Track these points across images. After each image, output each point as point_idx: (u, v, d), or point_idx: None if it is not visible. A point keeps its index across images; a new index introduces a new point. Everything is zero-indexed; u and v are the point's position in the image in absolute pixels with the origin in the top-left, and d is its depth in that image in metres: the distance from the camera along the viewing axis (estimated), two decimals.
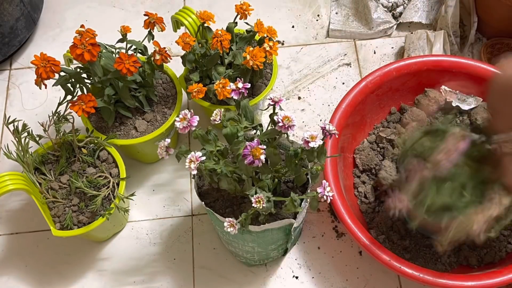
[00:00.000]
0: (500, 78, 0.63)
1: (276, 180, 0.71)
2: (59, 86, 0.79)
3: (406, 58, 0.91)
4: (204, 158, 0.65)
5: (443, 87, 0.91)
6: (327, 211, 0.91)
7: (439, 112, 0.92)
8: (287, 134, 0.68)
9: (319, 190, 0.65)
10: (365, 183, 0.89)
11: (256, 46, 0.87)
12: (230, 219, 0.66)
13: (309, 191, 0.73)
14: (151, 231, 0.90)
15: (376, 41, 1.09)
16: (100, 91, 0.83)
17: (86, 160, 0.82)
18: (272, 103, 0.67)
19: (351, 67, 1.06)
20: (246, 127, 0.71)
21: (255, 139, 0.63)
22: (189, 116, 0.67)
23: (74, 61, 0.81)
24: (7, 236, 0.90)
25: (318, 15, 1.13)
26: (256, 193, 0.65)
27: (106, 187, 0.80)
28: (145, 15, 0.81)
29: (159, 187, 0.94)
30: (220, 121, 0.69)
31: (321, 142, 0.63)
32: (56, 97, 1.00)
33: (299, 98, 1.03)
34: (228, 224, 0.66)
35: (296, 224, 0.72)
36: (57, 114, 0.81)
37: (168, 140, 0.68)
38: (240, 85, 0.69)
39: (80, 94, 0.79)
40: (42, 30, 1.12)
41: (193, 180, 0.75)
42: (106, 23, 1.12)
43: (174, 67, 0.92)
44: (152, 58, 0.82)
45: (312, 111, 1.01)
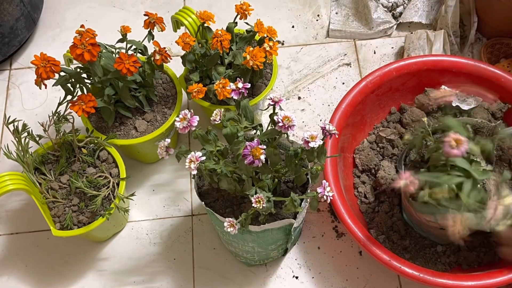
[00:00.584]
0: None
1: (276, 180, 0.71)
2: (59, 86, 0.79)
3: (406, 58, 0.91)
4: (204, 158, 0.65)
5: (443, 87, 0.91)
6: (327, 211, 0.91)
7: (439, 112, 0.92)
8: (287, 134, 0.68)
9: (319, 190, 0.65)
10: (365, 183, 0.89)
11: (256, 46, 0.87)
12: (230, 219, 0.66)
13: (309, 191, 0.73)
14: (151, 231, 0.90)
15: (376, 41, 1.09)
16: (100, 91, 0.83)
17: (86, 160, 0.82)
18: (272, 103, 0.67)
19: (351, 67, 1.06)
20: (246, 127, 0.71)
21: (255, 139, 0.63)
22: (189, 116, 0.67)
23: (74, 61, 0.81)
24: (7, 236, 0.90)
25: (318, 15, 1.13)
26: (256, 193, 0.65)
27: (106, 187, 0.80)
28: (145, 15, 0.81)
29: (159, 187, 0.94)
30: (220, 121, 0.69)
31: (321, 142, 0.63)
32: (56, 97, 1.00)
33: (299, 98, 1.03)
34: (228, 224, 0.66)
35: (296, 224, 0.72)
36: (57, 114, 0.81)
37: (168, 140, 0.68)
38: (240, 85, 0.69)
39: (80, 94, 0.79)
40: (42, 30, 1.12)
41: (193, 180, 0.74)
42: (106, 23, 1.12)
43: (174, 67, 0.92)
44: (152, 58, 0.82)
45: (312, 111, 1.01)
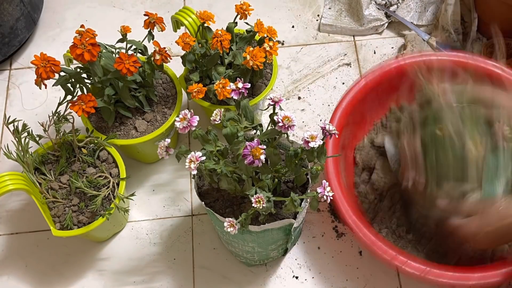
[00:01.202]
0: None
1: (276, 180, 0.71)
2: (59, 86, 0.79)
3: (406, 57, 0.91)
4: (204, 158, 0.65)
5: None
6: (327, 211, 0.91)
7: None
8: (287, 134, 0.68)
9: (319, 190, 0.65)
10: (365, 181, 0.89)
11: (256, 46, 0.87)
12: (230, 219, 0.66)
13: (309, 191, 0.73)
14: (151, 231, 0.90)
15: (376, 41, 1.09)
16: (100, 91, 0.83)
17: (86, 160, 0.82)
18: (272, 103, 0.67)
19: (351, 67, 1.06)
20: (246, 127, 0.71)
21: (255, 139, 0.63)
22: (189, 116, 0.66)
23: (74, 61, 0.81)
24: (7, 236, 0.90)
25: (318, 15, 1.13)
26: (256, 193, 0.65)
27: (106, 187, 0.80)
28: (145, 15, 0.81)
29: (159, 187, 0.94)
30: (220, 121, 0.69)
31: (321, 142, 0.63)
32: (56, 97, 1.00)
33: (299, 98, 1.03)
34: (228, 224, 0.66)
35: (296, 224, 0.72)
36: (57, 114, 0.81)
37: (168, 140, 0.68)
38: (240, 85, 0.69)
39: (80, 94, 0.79)
40: (42, 30, 1.12)
41: (193, 180, 0.74)
42: (106, 23, 1.12)
43: (174, 67, 0.92)
44: (152, 58, 0.82)
45: (312, 111, 1.01)
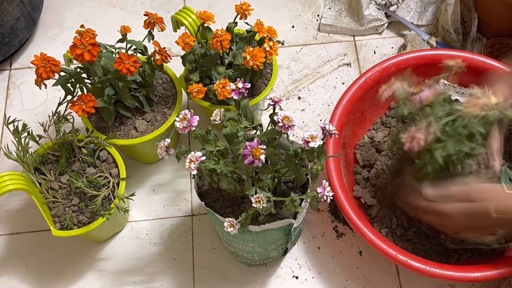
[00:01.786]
0: None
1: (276, 180, 0.71)
2: (59, 86, 0.79)
3: (404, 53, 0.91)
4: (204, 158, 0.65)
5: (441, 80, 0.91)
6: (327, 211, 0.91)
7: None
8: (287, 134, 0.68)
9: (319, 190, 0.65)
10: (366, 178, 0.89)
11: (256, 46, 0.87)
12: (230, 219, 0.66)
13: (309, 191, 0.73)
14: (151, 231, 0.90)
15: (376, 41, 1.09)
16: (100, 91, 0.83)
17: (86, 160, 0.82)
18: (272, 103, 0.67)
19: (351, 67, 1.06)
20: (246, 127, 0.71)
21: (255, 139, 0.63)
22: (189, 116, 0.67)
23: (74, 61, 0.81)
24: (7, 236, 0.90)
25: (318, 15, 1.13)
26: (256, 193, 0.65)
27: (106, 187, 0.80)
28: (145, 15, 0.81)
29: (159, 187, 0.94)
30: (220, 121, 0.69)
31: (321, 142, 0.63)
32: (56, 97, 1.00)
33: (299, 98, 1.03)
34: (228, 224, 0.66)
35: (296, 224, 0.72)
36: (57, 114, 0.81)
37: (168, 140, 0.68)
38: (240, 85, 0.69)
39: (80, 94, 0.79)
40: (42, 30, 1.12)
41: (193, 180, 0.74)
42: (106, 23, 1.12)
43: (174, 67, 0.92)
44: (152, 58, 0.82)
45: (312, 111, 1.01)
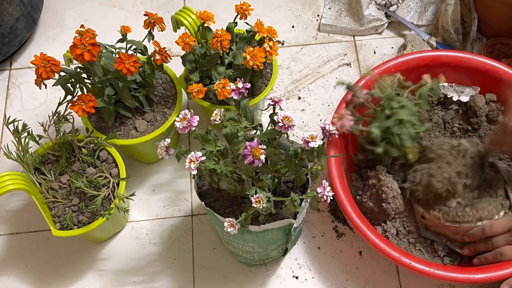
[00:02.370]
0: None
1: (276, 180, 0.71)
2: (59, 86, 0.79)
3: (404, 55, 0.91)
4: (204, 158, 0.65)
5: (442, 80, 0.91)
6: (327, 211, 0.91)
7: (439, 106, 0.92)
8: (287, 134, 0.68)
9: (319, 190, 0.65)
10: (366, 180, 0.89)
11: (256, 46, 0.87)
12: (230, 219, 0.66)
13: (309, 191, 0.73)
14: (151, 231, 0.90)
15: (376, 41, 1.09)
16: (100, 91, 0.83)
17: (86, 160, 0.82)
18: (272, 103, 0.67)
19: (351, 67, 1.06)
20: (246, 127, 0.71)
21: (255, 139, 0.63)
22: (189, 116, 0.67)
23: (74, 61, 0.81)
24: (7, 236, 0.90)
25: (318, 15, 1.13)
26: (256, 193, 0.65)
27: (106, 187, 0.80)
28: (145, 15, 0.81)
29: (159, 187, 0.94)
30: (220, 121, 0.69)
31: (321, 142, 0.63)
32: (56, 97, 1.00)
33: (299, 98, 1.03)
34: (228, 224, 0.66)
35: (296, 224, 0.72)
36: (57, 114, 0.81)
37: (168, 140, 0.68)
38: (240, 85, 0.69)
39: (80, 94, 0.79)
40: (42, 30, 1.12)
41: (193, 180, 0.74)
42: (106, 23, 1.12)
43: (174, 67, 0.92)
44: (152, 58, 0.82)
45: (312, 111, 1.01)
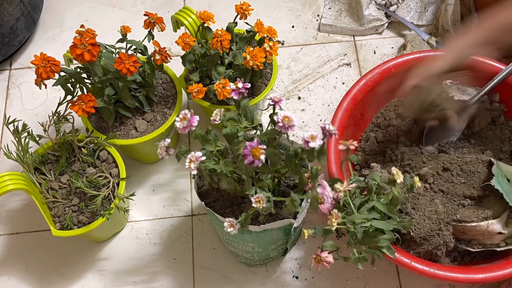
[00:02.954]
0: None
1: (276, 180, 0.71)
2: (59, 86, 0.79)
3: (404, 55, 0.91)
4: (204, 158, 0.65)
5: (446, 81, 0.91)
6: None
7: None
8: (287, 134, 0.68)
9: (319, 190, 0.65)
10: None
11: (256, 46, 0.87)
12: (230, 219, 0.66)
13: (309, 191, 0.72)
14: (151, 231, 0.90)
15: (376, 41, 1.09)
16: (100, 91, 0.83)
17: (86, 160, 0.82)
18: (272, 103, 0.67)
19: (351, 67, 1.06)
20: (246, 127, 0.71)
21: (255, 139, 0.63)
22: (189, 116, 0.66)
23: (74, 61, 0.81)
24: (7, 236, 0.90)
25: (318, 15, 1.13)
26: (256, 193, 0.65)
27: (106, 187, 0.80)
28: (145, 15, 0.81)
29: (159, 187, 0.94)
30: (220, 121, 0.69)
31: (321, 142, 0.63)
32: (56, 97, 1.00)
33: (299, 98, 1.03)
34: (228, 224, 0.66)
35: (296, 224, 0.72)
36: (57, 114, 0.81)
37: (168, 140, 0.68)
38: (240, 85, 0.69)
39: (80, 94, 0.79)
40: (42, 30, 1.12)
41: (193, 180, 0.74)
42: (106, 23, 1.12)
43: (174, 67, 0.92)
44: (152, 58, 0.82)
45: (312, 111, 1.01)
